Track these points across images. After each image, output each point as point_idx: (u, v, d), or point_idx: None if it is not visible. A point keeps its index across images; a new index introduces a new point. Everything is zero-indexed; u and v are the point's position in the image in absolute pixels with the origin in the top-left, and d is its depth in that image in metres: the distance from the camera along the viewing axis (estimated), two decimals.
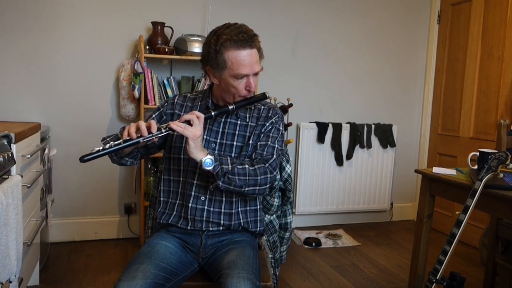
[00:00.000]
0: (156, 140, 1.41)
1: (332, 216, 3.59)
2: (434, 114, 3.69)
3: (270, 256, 1.68)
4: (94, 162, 1.29)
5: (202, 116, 1.38)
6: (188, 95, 1.61)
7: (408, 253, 2.94)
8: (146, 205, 2.82)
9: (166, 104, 1.59)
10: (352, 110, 3.59)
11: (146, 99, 2.85)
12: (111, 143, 1.33)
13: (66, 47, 2.86)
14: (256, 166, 1.42)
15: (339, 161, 3.47)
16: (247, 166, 1.41)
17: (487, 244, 2.31)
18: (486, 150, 1.76)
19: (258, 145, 1.49)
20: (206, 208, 1.48)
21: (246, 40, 1.39)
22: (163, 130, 1.35)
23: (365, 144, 3.53)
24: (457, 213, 1.72)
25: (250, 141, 1.51)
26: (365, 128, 3.53)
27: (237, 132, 1.52)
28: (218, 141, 1.52)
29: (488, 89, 3.13)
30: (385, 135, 3.59)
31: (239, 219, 1.52)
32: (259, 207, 1.58)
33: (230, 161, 1.40)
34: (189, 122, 1.36)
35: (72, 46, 2.87)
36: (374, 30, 3.56)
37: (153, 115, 1.57)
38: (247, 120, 1.53)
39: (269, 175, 1.44)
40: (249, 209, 1.55)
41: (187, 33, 2.93)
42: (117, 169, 3.04)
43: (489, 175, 1.54)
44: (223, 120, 1.53)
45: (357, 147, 3.51)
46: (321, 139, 3.41)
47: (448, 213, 3.46)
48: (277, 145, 1.50)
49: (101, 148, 1.30)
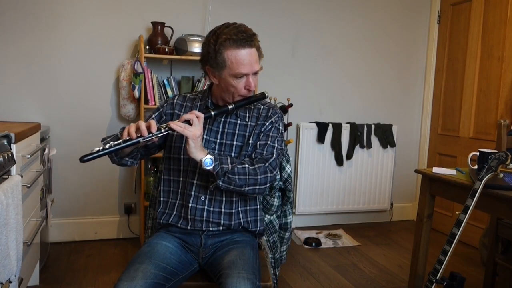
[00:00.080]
0: (156, 140, 1.41)
1: (332, 216, 3.59)
2: (434, 114, 3.69)
3: (270, 256, 1.68)
4: (94, 162, 1.30)
5: (202, 116, 1.38)
6: (188, 95, 1.61)
7: (408, 253, 2.94)
8: (146, 205, 2.82)
9: (165, 104, 1.59)
10: (352, 110, 3.59)
11: (146, 99, 2.85)
12: (111, 143, 1.32)
13: (66, 47, 2.86)
14: (256, 166, 1.42)
15: (339, 161, 3.47)
16: (247, 166, 1.41)
17: (487, 244, 2.31)
18: (486, 150, 1.76)
19: (258, 144, 1.49)
20: (206, 208, 1.49)
21: (245, 39, 1.39)
22: (163, 130, 1.35)
23: (365, 144, 3.53)
24: (457, 213, 1.72)
25: (250, 141, 1.51)
26: (365, 128, 3.53)
27: (236, 132, 1.52)
28: (218, 140, 1.52)
29: (488, 89, 3.13)
30: (385, 135, 3.59)
31: (239, 218, 1.52)
32: (259, 206, 1.58)
33: (230, 160, 1.40)
34: (188, 122, 1.36)
35: (72, 46, 2.87)
36: (374, 30, 3.56)
37: (153, 116, 1.57)
38: (247, 120, 1.53)
39: (269, 174, 1.44)
40: (249, 208, 1.55)
41: (187, 33, 2.93)
42: (117, 169, 3.04)
43: (489, 175, 1.54)
44: (222, 120, 1.53)
45: (357, 147, 3.51)
46: (321, 139, 3.41)
47: (448, 213, 3.46)
48: (276, 145, 1.50)
49: (101, 148, 1.30)
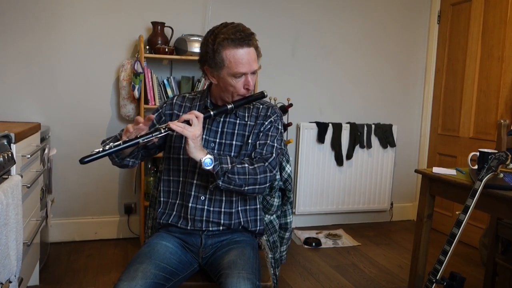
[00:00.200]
0: (155, 141, 1.41)
1: (332, 216, 3.59)
2: (434, 114, 3.69)
3: (270, 256, 1.68)
4: (94, 162, 1.29)
5: (201, 116, 1.38)
6: (187, 95, 1.61)
7: (408, 253, 2.94)
8: (146, 205, 2.82)
9: (164, 105, 1.59)
10: (352, 110, 3.59)
11: (146, 99, 2.85)
12: (110, 144, 1.32)
13: (66, 47, 2.86)
14: (256, 165, 1.42)
15: (339, 161, 3.47)
16: (246, 165, 1.41)
17: (487, 244, 2.31)
18: (486, 150, 1.75)
19: (257, 144, 1.49)
20: (206, 207, 1.48)
21: (244, 38, 1.39)
22: (163, 130, 1.35)
23: (365, 144, 3.53)
24: (457, 213, 1.72)
25: (249, 140, 1.51)
26: (365, 128, 3.53)
27: (236, 131, 1.52)
28: (217, 140, 1.52)
29: (488, 89, 3.13)
30: (385, 135, 3.59)
31: (239, 218, 1.52)
32: (259, 206, 1.58)
33: (229, 160, 1.40)
34: (188, 122, 1.36)
35: (72, 46, 2.87)
36: (374, 30, 3.56)
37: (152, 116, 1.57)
38: (246, 119, 1.53)
39: (268, 173, 1.44)
40: (248, 208, 1.55)
41: (187, 33, 2.93)
42: (117, 169, 3.03)
43: (489, 175, 1.54)
44: (222, 120, 1.53)
45: (357, 147, 3.51)
46: (321, 139, 3.41)
47: (448, 213, 3.46)
48: (276, 144, 1.50)
49: (101, 149, 1.30)
